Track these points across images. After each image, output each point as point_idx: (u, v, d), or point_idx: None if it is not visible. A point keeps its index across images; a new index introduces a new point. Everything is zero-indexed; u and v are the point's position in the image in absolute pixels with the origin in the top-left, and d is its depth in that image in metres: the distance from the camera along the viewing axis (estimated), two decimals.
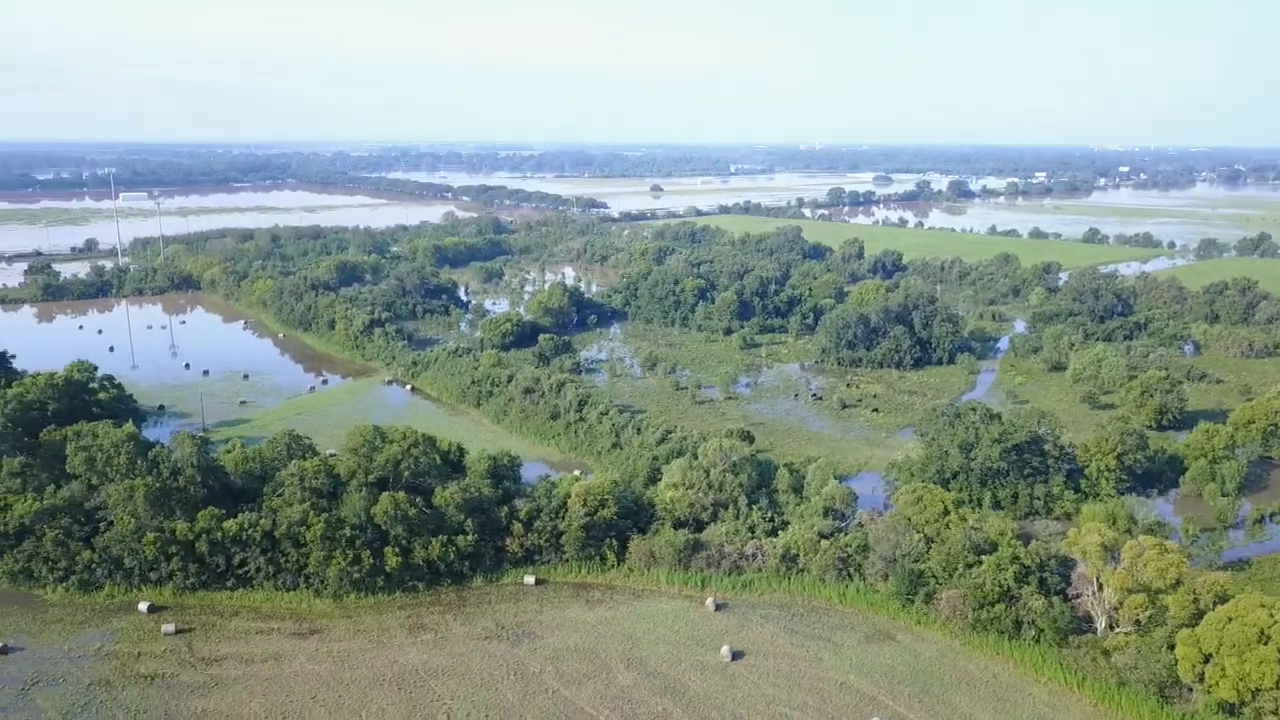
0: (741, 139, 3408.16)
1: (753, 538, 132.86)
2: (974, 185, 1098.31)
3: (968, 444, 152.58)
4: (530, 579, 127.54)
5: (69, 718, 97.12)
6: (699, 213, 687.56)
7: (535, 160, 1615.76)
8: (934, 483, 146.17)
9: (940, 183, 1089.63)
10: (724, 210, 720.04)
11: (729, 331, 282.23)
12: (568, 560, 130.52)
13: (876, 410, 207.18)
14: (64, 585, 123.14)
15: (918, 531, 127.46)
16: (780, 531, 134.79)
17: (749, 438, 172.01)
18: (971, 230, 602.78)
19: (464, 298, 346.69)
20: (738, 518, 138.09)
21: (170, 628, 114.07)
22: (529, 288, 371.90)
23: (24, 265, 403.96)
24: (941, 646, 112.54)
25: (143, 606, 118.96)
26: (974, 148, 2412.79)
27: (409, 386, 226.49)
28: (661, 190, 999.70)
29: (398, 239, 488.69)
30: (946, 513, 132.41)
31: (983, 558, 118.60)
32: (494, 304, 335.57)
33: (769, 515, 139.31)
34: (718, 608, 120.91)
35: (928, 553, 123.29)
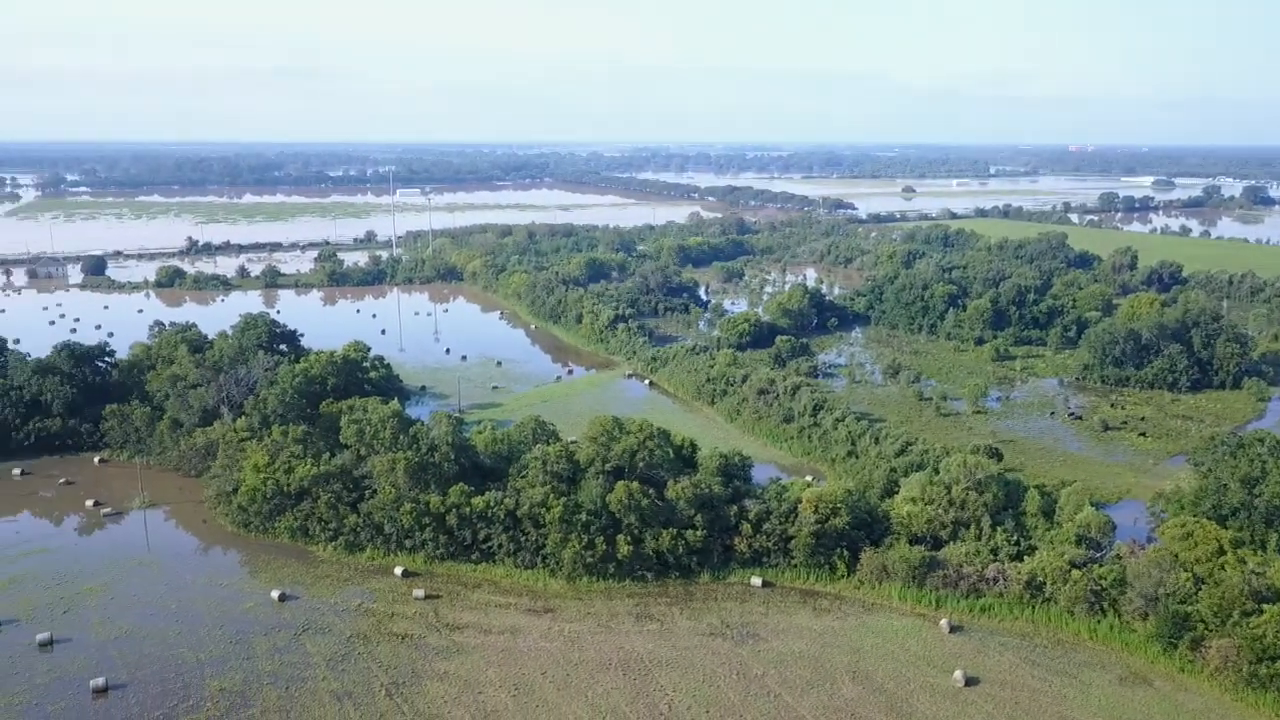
0: (1002, 139, 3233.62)
1: (995, 560, 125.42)
2: (1275, 191, 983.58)
3: (1252, 478, 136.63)
4: (757, 580, 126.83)
5: (331, 664, 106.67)
6: (953, 215, 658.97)
7: (783, 161, 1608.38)
8: (1208, 518, 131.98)
9: (1233, 188, 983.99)
10: (981, 214, 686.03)
11: (980, 341, 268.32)
12: (796, 566, 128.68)
13: (1143, 434, 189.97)
14: (333, 544, 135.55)
15: (1186, 570, 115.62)
16: (1026, 556, 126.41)
17: (997, 455, 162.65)
18: (1269, 242, 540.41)
19: (704, 297, 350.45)
20: (979, 538, 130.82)
21: (420, 593, 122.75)
22: (769, 288, 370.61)
23: (314, 253, 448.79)
24: (1208, 700, 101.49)
25: (398, 571, 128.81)
26: (1276, 149, 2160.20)
27: (647, 381, 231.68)
28: (913, 192, 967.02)
29: (644, 238, 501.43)
30: (1222, 552, 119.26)
31: (1264, 606, 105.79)
32: (733, 304, 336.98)
33: (1014, 538, 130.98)
34: (952, 630, 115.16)
35: (1197, 594, 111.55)
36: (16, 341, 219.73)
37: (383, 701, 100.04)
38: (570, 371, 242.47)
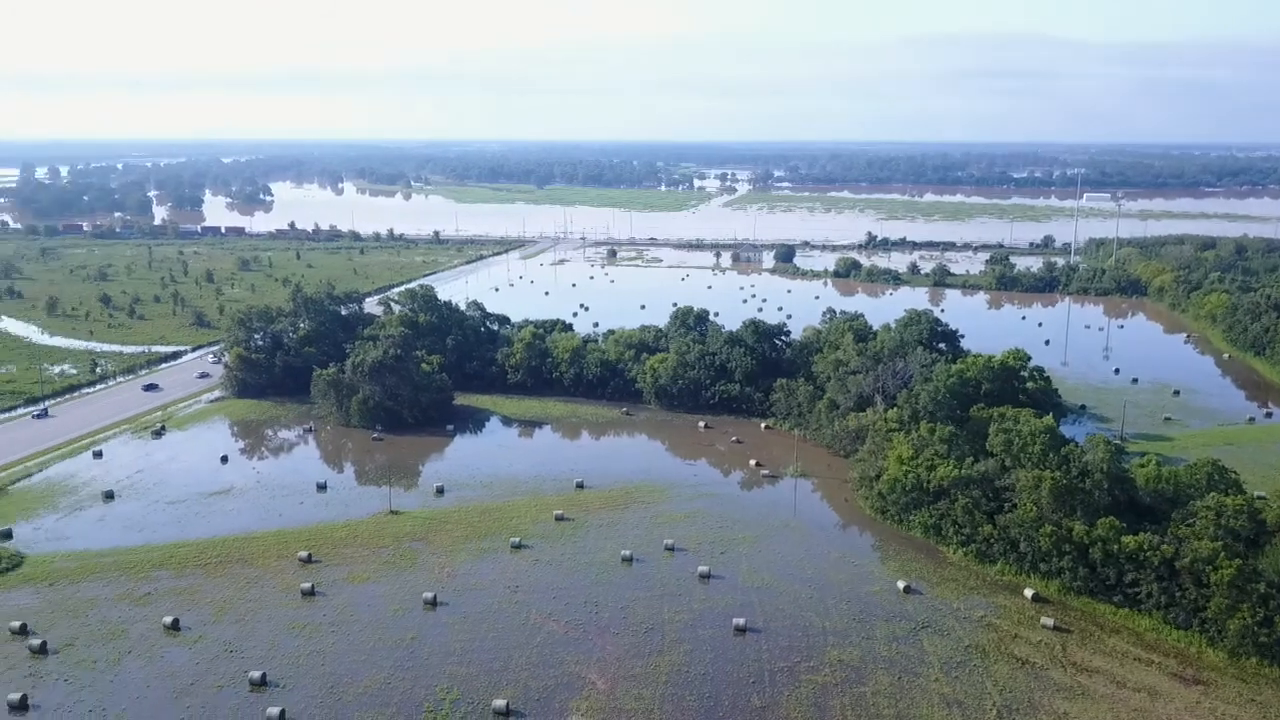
0: None
1: None
2: None
3: None
4: None
5: (946, 668, 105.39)
6: None
7: None
8: None
9: None
10: None
11: None
12: None
13: None
14: (964, 550, 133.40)
15: None
16: None
17: None
18: None
19: None
20: None
21: (1049, 621, 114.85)
22: None
23: (986, 255, 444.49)
24: None
25: (1028, 593, 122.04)
26: None
27: None
28: None
29: None
30: None
31: None
32: None
33: None
34: None
35: None
36: (715, 314, 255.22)
37: None
38: (1269, 414, 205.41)
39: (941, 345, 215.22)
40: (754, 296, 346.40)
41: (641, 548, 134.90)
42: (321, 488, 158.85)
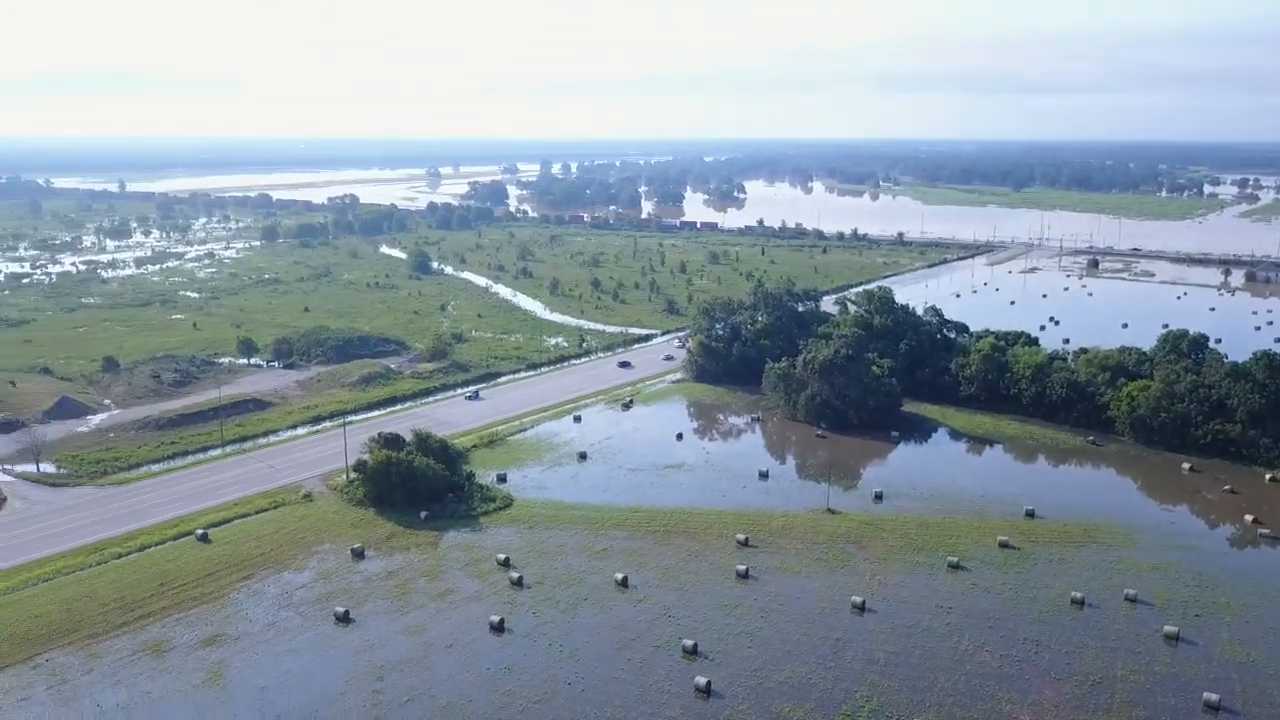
0: None
1: None
2: None
3: None
4: None
5: None
6: None
7: None
8: None
9: None
10: None
11: None
12: None
13: None
14: None
15: None
16: None
17: None
18: None
19: None
20: None
21: None
22: None
23: None
24: None
25: None
26: None
27: None
28: None
29: None
30: None
31: None
32: None
33: None
34: None
35: None
36: (1217, 341, 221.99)
37: None
38: None
39: None
40: (1270, 324, 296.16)
41: (1096, 592, 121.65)
42: (763, 475, 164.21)
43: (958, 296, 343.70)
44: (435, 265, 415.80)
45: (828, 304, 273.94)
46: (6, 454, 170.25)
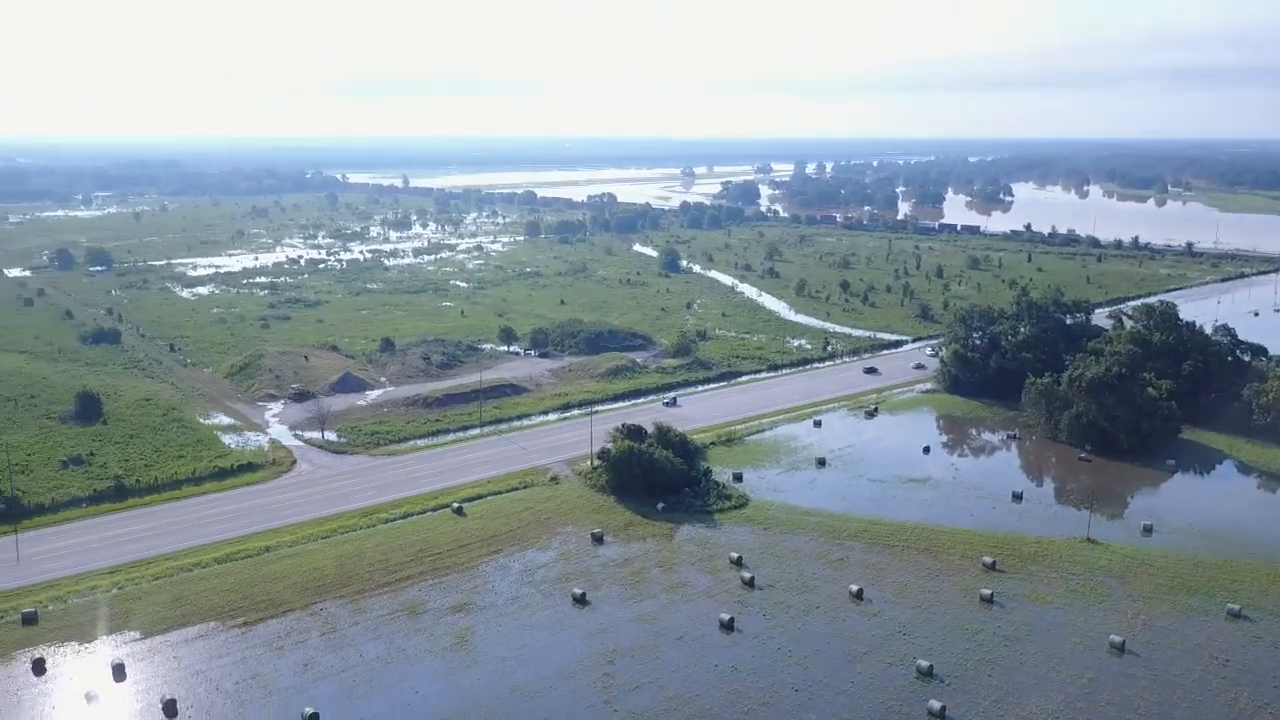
0: None
1: None
2: None
3: None
4: None
5: None
6: None
7: None
8: None
9: None
10: None
11: None
12: None
13: None
14: None
15: None
16: None
17: None
18: None
19: None
20: None
21: None
22: None
23: None
24: None
25: None
26: None
27: None
28: None
29: None
30: None
31: None
32: None
33: None
34: None
35: None
36: None
37: None
38: None
39: None
40: None
41: None
42: (1017, 497, 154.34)
43: (1256, 315, 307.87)
44: (684, 263, 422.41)
45: (1100, 317, 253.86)
46: (298, 421, 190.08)
